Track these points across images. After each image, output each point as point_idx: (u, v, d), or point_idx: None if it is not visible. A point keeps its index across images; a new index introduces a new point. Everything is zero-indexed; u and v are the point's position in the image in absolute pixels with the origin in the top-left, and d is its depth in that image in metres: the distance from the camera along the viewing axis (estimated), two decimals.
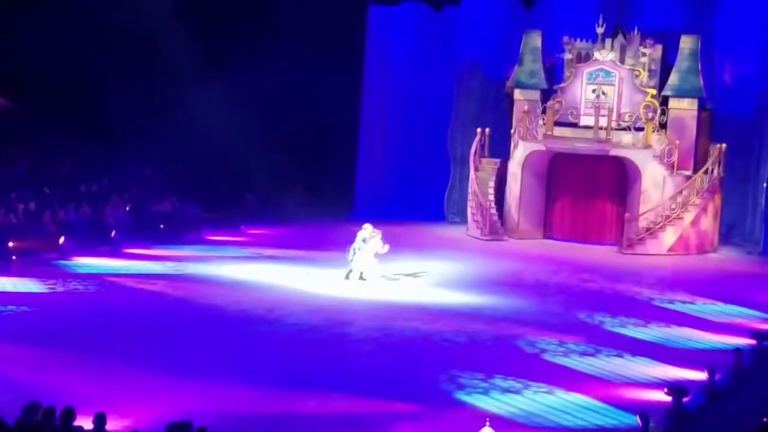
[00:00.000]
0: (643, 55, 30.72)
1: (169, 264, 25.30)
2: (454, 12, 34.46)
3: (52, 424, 11.61)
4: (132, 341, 18.33)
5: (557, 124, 30.46)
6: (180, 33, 32.00)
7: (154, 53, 31.56)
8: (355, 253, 23.92)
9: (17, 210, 26.29)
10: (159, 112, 30.28)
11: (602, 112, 29.79)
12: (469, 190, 31.79)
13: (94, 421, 11.82)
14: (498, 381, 16.82)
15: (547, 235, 31.43)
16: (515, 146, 31.24)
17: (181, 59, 31.87)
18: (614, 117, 30.08)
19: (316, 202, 33.17)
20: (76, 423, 11.77)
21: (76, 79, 31.04)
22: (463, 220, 32.59)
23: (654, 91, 30.56)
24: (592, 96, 30.65)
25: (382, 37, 34.84)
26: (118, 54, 31.95)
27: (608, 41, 30.72)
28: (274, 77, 31.94)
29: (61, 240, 25.72)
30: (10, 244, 24.53)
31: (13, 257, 24.31)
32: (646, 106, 30.23)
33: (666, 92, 30.58)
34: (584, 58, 31.12)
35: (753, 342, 19.32)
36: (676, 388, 15.65)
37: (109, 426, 12.00)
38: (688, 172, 30.16)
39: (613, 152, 29.87)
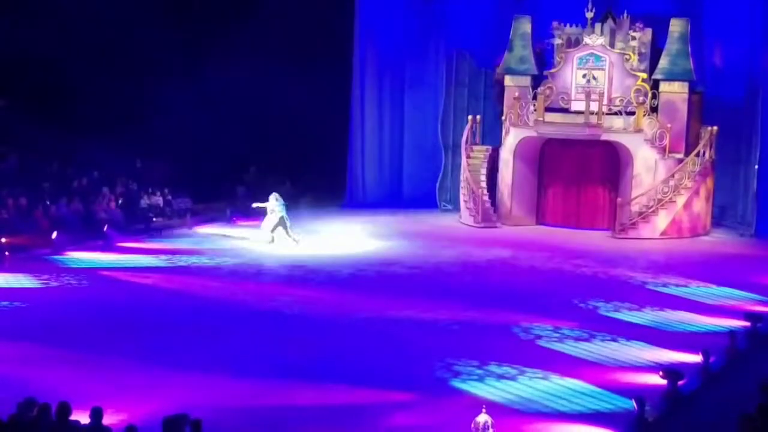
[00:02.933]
0: (633, 39, 30.69)
1: (162, 257, 25.28)
2: None
3: (47, 420, 11.58)
4: (127, 335, 18.31)
5: (548, 109, 30.44)
6: (166, 25, 31.91)
7: (143, 47, 31.44)
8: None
9: (8, 205, 26.22)
10: (148, 105, 30.18)
11: (593, 96, 29.78)
12: (461, 178, 31.79)
13: (91, 416, 11.79)
14: (493, 368, 16.82)
15: (540, 221, 31.47)
16: (506, 133, 31.24)
17: (169, 51, 31.76)
18: (605, 101, 30.07)
19: (308, 192, 33.15)
20: (73, 417, 11.75)
21: (64, 74, 30.90)
22: (456, 208, 32.60)
23: (644, 75, 30.56)
24: (583, 81, 30.64)
25: (371, 25, 34.78)
26: (107, 50, 31.81)
27: (598, 26, 30.69)
28: (263, 67, 31.88)
29: (54, 235, 25.67)
30: (3, 240, 24.48)
31: (6, 253, 24.25)
32: (637, 90, 30.23)
33: (656, 76, 30.58)
34: (574, 43, 31.11)
35: (747, 324, 19.34)
36: (671, 371, 15.67)
37: (105, 420, 11.97)
38: (680, 156, 30.18)
39: (605, 137, 29.88)
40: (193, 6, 32.78)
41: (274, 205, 27.10)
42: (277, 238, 27.05)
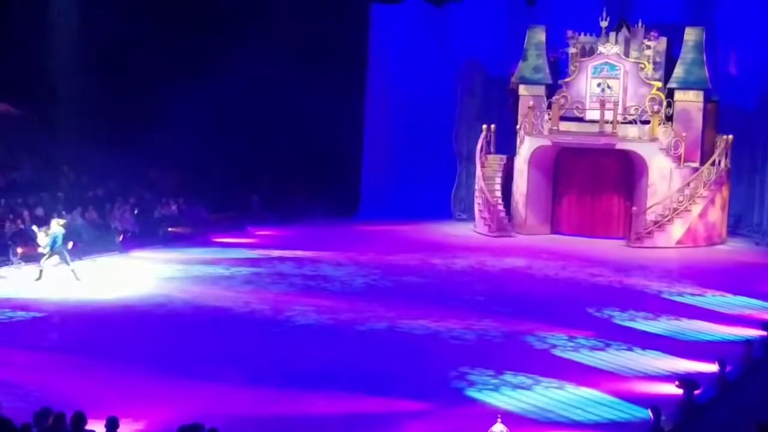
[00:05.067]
0: (648, 47, 30.68)
1: (176, 266, 25.30)
2: (456, 9, 34.53)
3: (63, 429, 11.58)
4: (141, 344, 18.34)
5: (563, 118, 30.44)
6: (182, 35, 32.05)
7: (157, 57, 31.55)
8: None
9: (24, 216, 26.31)
10: (163, 115, 30.26)
11: (608, 105, 29.75)
12: (476, 187, 31.79)
13: (107, 425, 11.80)
14: (508, 377, 16.78)
15: (555, 230, 31.43)
16: (521, 142, 31.23)
17: (184, 60, 31.89)
18: (620, 110, 30.04)
19: (322, 202, 33.19)
20: (89, 427, 11.75)
21: (78, 84, 31.04)
22: (470, 217, 32.61)
23: (659, 84, 30.53)
24: (598, 90, 30.63)
25: (385, 35, 34.87)
26: (120, 60, 31.90)
27: (612, 35, 30.69)
28: (278, 77, 31.94)
29: (70, 245, 25.71)
30: (19, 249, 24.55)
31: (22, 263, 24.32)
32: (652, 99, 30.20)
33: (671, 84, 30.54)
34: (588, 52, 31.10)
35: (763, 333, 19.25)
36: (687, 380, 15.59)
37: (121, 430, 11.98)
38: (695, 165, 30.11)
39: (620, 146, 29.83)
40: (207, 15, 32.89)
41: (42, 237, 22.99)
42: (47, 270, 22.97)
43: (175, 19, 32.28)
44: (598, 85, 30.68)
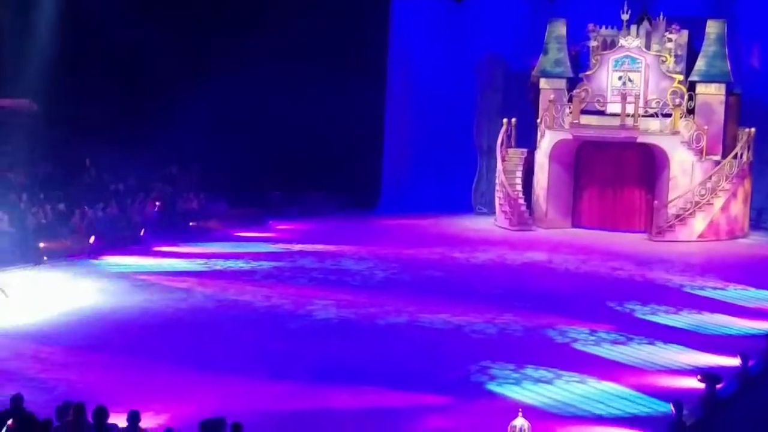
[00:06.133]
0: (669, 40, 30.55)
1: (198, 261, 25.39)
2: (477, 3, 34.47)
3: (83, 421, 11.63)
4: (163, 339, 18.42)
5: (584, 112, 30.34)
6: (200, 31, 32.11)
7: (175, 52, 31.61)
8: None
9: (46, 211, 26.44)
10: (183, 110, 30.33)
11: (629, 99, 29.64)
12: (497, 181, 31.75)
13: (128, 419, 11.85)
14: (529, 371, 16.76)
15: (576, 223, 31.36)
16: (542, 136, 31.16)
17: (204, 58, 31.95)
18: (641, 104, 29.93)
19: (343, 196, 33.21)
20: (111, 421, 11.81)
21: (98, 80, 31.15)
22: (491, 211, 32.57)
23: (681, 77, 30.40)
24: (619, 83, 30.53)
25: (405, 30, 34.86)
26: (139, 55, 31.97)
27: (633, 28, 30.57)
28: (299, 72, 31.97)
29: (91, 240, 25.88)
30: (41, 244, 24.69)
31: (45, 258, 24.46)
32: (673, 92, 30.07)
33: (693, 77, 30.40)
34: (610, 45, 31.01)
35: None
36: (709, 375, 15.54)
37: (143, 424, 12.03)
38: (717, 158, 29.97)
39: (641, 139, 29.72)
40: (227, 11, 32.97)
41: None
42: None
43: (193, 15, 32.32)
44: (620, 78, 30.57)
